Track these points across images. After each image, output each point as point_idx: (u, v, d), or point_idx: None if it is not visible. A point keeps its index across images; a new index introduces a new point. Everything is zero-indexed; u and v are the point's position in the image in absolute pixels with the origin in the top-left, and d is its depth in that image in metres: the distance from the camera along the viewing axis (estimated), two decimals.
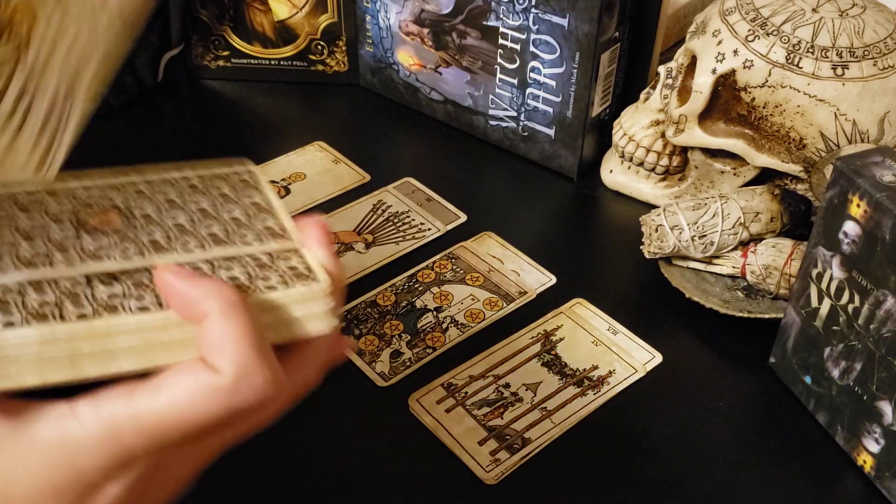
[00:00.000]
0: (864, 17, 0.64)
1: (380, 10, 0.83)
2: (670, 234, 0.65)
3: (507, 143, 0.81)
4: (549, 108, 0.76)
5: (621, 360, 0.62)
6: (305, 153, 0.81)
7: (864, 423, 0.54)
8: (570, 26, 0.71)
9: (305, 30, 0.87)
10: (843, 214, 0.52)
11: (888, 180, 0.50)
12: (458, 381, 0.60)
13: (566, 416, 0.58)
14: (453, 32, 0.79)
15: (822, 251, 0.54)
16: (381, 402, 0.59)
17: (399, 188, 0.77)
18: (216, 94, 0.90)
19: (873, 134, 0.63)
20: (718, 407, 0.59)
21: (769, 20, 0.64)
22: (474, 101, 0.82)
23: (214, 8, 0.86)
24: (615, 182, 0.77)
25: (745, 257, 0.64)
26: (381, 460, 0.55)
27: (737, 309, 0.63)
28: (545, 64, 0.74)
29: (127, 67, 0.84)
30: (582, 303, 0.66)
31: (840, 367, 0.55)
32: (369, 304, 0.66)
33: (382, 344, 0.63)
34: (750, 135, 0.67)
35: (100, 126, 0.86)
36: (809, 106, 0.63)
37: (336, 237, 0.72)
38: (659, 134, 0.73)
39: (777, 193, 0.65)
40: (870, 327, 0.51)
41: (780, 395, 0.60)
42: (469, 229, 0.73)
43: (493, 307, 0.66)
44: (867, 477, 0.55)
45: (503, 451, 0.56)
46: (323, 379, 0.37)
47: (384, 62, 0.86)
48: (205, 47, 0.89)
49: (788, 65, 0.63)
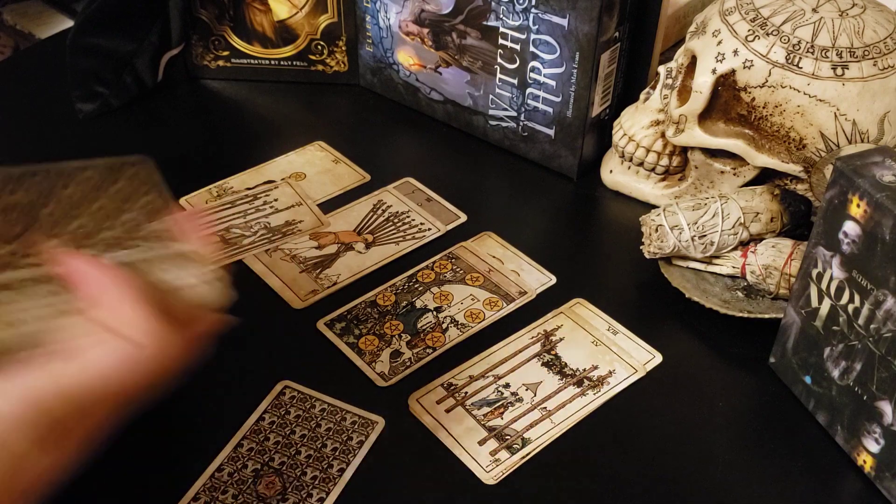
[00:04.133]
0: (864, 17, 0.64)
1: (380, 10, 0.83)
2: (670, 234, 0.65)
3: (507, 143, 0.82)
4: (549, 108, 0.76)
5: (621, 360, 0.62)
6: (305, 153, 0.81)
7: (864, 423, 0.54)
8: (570, 26, 0.71)
9: (305, 30, 0.87)
10: (843, 214, 0.52)
11: (888, 180, 0.50)
12: (458, 381, 0.60)
13: (566, 416, 0.58)
14: (453, 32, 0.79)
15: (822, 251, 0.54)
16: (381, 402, 0.59)
17: (399, 188, 0.77)
18: (216, 94, 0.90)
19: (873, 134, 0.63)
20: (718, 407, 0.59)
21: (769, 20, 0.64)
22: (474, 101, 0.82)
23: (214, 8, 0.86)
24: (615, 182, 0.77)
25: (745, 257, 0.64)
26: (382, 460, 0.55)
27: (737, 309, 0.63)
28: (545, 64, 0.74)
29: (127, 67, 0.84)
30: (582, 303, 0.66)
31: (840, 367, 0.55)
32: (369, 304, 0.66)
33: (382, 344, 0.63)
34: (750, 135, 0.67)
35: (100, 126, 0.86)
36: (809, 106, 0.63)
37: (336, 237, 0.72)
38: (659, 134, 0.73)
39: (777, 193, 0.65)
40: (870, 327, 0.51)
41: (780, 395, 0.60)
42: (469, 229, 0.73)
43: (493, 307, 0.66)
44: (867, 477, 0.55)
45: (503, 451, 0.56)
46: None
47: (384, 62, 0.86)
48: (205, 47, 0.89)
49: (788, 65, 0.63)
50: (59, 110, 0.85)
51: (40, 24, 1.36)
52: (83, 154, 0.89)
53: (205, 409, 0.59)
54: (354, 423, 0.57)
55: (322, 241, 0.71)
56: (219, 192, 0.76)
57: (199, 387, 0.60)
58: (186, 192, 0.76)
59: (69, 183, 0.43)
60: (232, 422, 0.57)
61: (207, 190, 0.76)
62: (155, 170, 0.46)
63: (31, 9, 1.39)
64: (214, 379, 0.61)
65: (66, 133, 0.83)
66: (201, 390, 0.60)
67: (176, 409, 0.58)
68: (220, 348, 0.63)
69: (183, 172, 0.79)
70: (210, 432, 0.57)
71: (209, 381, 0.60)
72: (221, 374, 0.61)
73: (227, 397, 0.59)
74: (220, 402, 0.59)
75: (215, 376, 0.61)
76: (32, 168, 0.43)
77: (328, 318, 0.64)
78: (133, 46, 0.84)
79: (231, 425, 0.57)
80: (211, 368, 0.61)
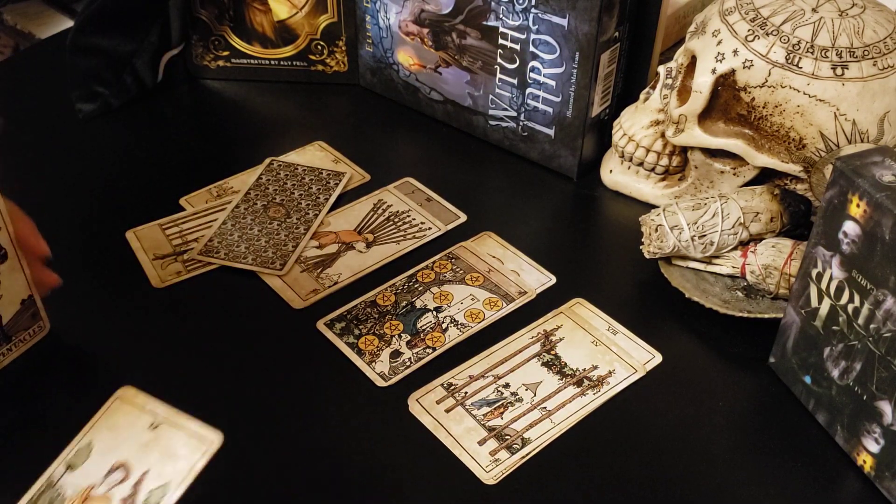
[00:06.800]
0: (864, 17, 0.64)
1: (380, 10, 0.83)
2: (670, 234, 0.65)
3: (507, 143, 0.82)
4: (549, 108, 0.76)
5: (621, 360, 0.62)
6: (305, 153, 0.81)
7: (863, 422, 0.54)
8: (570, 26, 0.71)
9: (305, 30, 0.87)
10: (843, 214, 0.52)
11: (888, 180, 0.50)
12: (458, 381, 0.60)
13: (566, 416, 0.58)
14: (453, 32, 0.79)
15: (822, 251, 0.54)
16: (381, 402, 0.59)
17: (399, 188, 0.77)
18: (216, 94, 0.90)
19: (873, 134, 0.63)
20: (718, 407, 0.59)
21: (769, 20, 0.64)
22: (474, 101, 0.82)
23: (214, 8, 0.86)
24: (615, 182, 0.77)
25: (745, 257, 0.64)
26: (381, 460, 0.55)
27: (737, 309, 0.63)
28: (545, 64, 0.74)
29: (127, 67, 0.84)
30: (582, 303, 0.66)
31: (840, 367, 0.55)
32: (369, 304, 0.66)
33: (382, 344, 0.63)
34: (750, 135, 0.67)
35: (100, 126, 0.86)
36: (809, 106, 0.63)
37: (337, 236, 0.72)
38: (659, 134, 0.73)
39: (777, 193, 0.65)
40: (870, 327, 0.51)
41: (780, 395, 0.60)
42: (469, 229, 0.73)
43: (493, 307, 0.66)
44: (867, 477, 0.55)
45: (503, 451, 0.56)
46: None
47: (384, 62, 0.87)
48: (205, 47, 0.89)
49: (788, 65, 0.63)
50: (59, 110, 0.85)
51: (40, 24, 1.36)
52: (83, 154, 0.89)
53: (205, 409, 0.59)
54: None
55: (323, 240, 0.71)
56: (219, 192, 0.76)
57: (199, 387, 0.60)
58: (186, 193, 0.76)
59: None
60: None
61: (207, 190, 0.76)
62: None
63: (31, 9, 1.39)
64: (214, 379, 0.61)
65: (66, 133, 0.83)
66: (200, 390, 0.60)
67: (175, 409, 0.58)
68: (219, 348, 0.63)
69: (183, 172, 0.79)
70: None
71: (209, 381, 0.61)
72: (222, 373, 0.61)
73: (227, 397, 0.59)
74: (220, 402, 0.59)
75: (215, 376, 0.61)
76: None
77: (328, 318, 0.64)
78: (133, 46, 0.84)
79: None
80: (211, 368, 0.62)
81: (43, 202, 0.73)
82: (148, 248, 0.70)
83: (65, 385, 0.60)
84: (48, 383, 0.60)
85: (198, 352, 0.62)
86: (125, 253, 0.70)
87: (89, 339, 0.63)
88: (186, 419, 0.50)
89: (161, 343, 0.63)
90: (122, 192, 0.77)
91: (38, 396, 0.59)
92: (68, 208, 0.74)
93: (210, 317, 0.65)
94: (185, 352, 0.62)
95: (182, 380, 0.60)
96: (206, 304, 0.66)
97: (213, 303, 0.66)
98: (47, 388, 0.60)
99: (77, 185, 0.77)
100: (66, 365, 0.61)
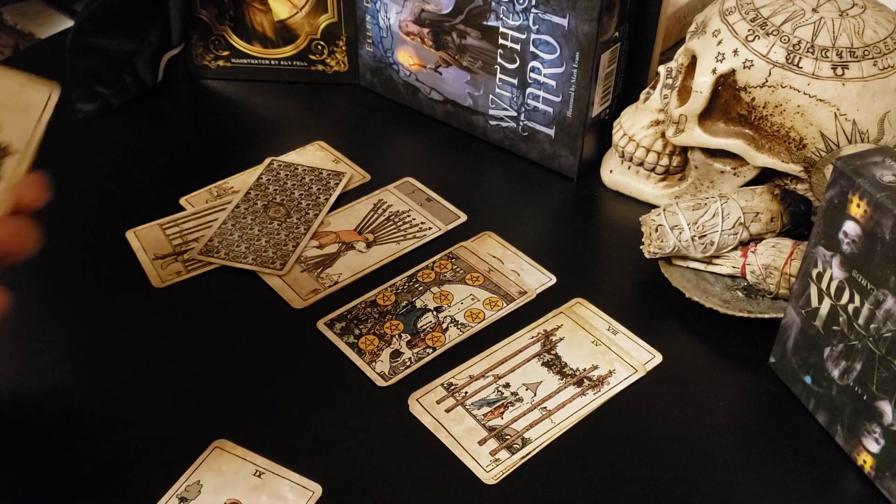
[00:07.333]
0: (864, 16, 0.64)
1: (380, 10, 0.83)
2: (670, 233, 0.65)
3: (507, 143, 0.82)
4: (549, 108, 0.76)
5: (621, 360, 0.62)
6: (305, 153, 0.81)
7: (864, 422, 0.54)
8: (570, 26, 0.71)
9: (305, 30, 0.87)
10: (843, 214, 0.52)
11: (888, 180, 0.50)
12: (458, 381, 0.60)
13: (566, 416, 0.58)
14: (453, 32, 0.79)
15: (822, 251, 0.54)
16: (381, 402, 0.59)
17: (399, 188, 0.77)
18: (216, 94, 0.90)
19: (873, 134, 0.63)
20: (718, 407, 0.59)
21: (769, 20, 0.64)
22: (474, 101, 0.82)
23: (214, 8, 0.86)
24: (615, 182, 0.77)
25: (745, 257, 0.64)
26: (382, 460, 0.56)
27: (737, 309, 0.63)
28: (545, 64, 0.74)
29: (127, 67, 0.84)
30: (582, 303, 0.66)
31: (840, 366, 0.55)
32: (369, 304, 0.66)
33: (382, 344, 0.63)
34: (750, 135, 0.67)
35: (100, 126, 0.86)
36: (809, 106, 0.63)
37: (337, 236, 0.72)
38: (659, 134, 0.73)
39: (777, 193, 0.65)
40: (870, 327, 0.51)
41: (780, 395, 0.60)
42: (469, 229, 0.73)
43: (493, 307, 0.66)
44: (867, 477, 0.55)
45: (503, 451, 0.56)
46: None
47: (384, 62, 0.87)
48: (205, 47, 0.89)
49: (788, 65, 0.63)
50: (59, 110, 0.85)
51: (40, 24, 1.36)
52: (83, 154, 0.89)
53: (205, 409, 0.59)
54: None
55: (323, 240, 0.71)
56: (219, 192, 0.76)
57: (199, 386, 0.60)
58: (187, 192, 0.76)
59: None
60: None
61: (207, 190, 0.76)
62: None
63: (31, 9, 1.39)
64: (214, 378, 0.61)
65: (66, 133, 0.83)
66: (201, 390, 0.60)
67: (176, 408, 0.58)
68: (219, 348, 0.63)
69: (183, 172, 0.79)
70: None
71: (209, 381, 0.61)
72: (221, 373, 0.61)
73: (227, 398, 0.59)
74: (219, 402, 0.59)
75: (215, 375, 0.61)
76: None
77: (328, 318, 0.64)
78: (133, 46, 0.84)
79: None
80: (211, 368, 0.62)
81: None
82: (148, 248, 0.70)
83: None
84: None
85: (198, 351, 0.62)
86: (125, 253, 0.70)
87: (89, 338, 0.63)
88: (287, 471, 0.54)
89: (161, 342, 0.63)
90: (122, 192, 0.77)
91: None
92: (68, 208, 0.74)
93: (210, 316, 0.65)
94: (184, 351, 0.62)
95: (182, 379, 0.60)
96: (206, 303, 0.66)
97: (214, 303, 0.66)
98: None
99: (77, 185, 0.77)
100: (66, 365, 0.61)
